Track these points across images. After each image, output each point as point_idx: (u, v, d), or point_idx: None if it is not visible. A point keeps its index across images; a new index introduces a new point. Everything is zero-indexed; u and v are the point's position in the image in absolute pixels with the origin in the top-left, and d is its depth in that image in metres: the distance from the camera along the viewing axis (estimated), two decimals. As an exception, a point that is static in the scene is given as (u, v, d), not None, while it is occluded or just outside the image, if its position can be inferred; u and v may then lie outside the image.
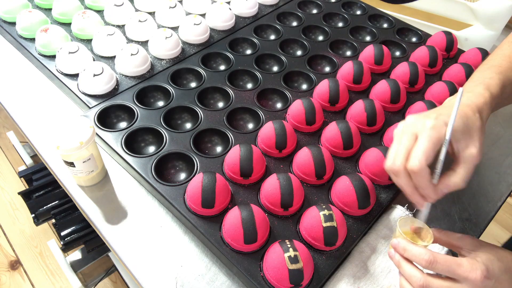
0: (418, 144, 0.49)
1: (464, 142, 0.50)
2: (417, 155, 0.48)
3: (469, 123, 0.50)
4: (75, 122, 0.63)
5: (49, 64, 0.86)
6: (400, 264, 0.51)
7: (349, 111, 0.79)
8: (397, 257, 0.52)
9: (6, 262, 1.49)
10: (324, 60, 0.94)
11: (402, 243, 0.51)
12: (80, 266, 1.26)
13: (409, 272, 0.49)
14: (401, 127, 0.54)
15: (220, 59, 0.93)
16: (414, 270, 0.49)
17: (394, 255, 0.52)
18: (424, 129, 0.50)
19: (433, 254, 0.48)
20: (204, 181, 0.60)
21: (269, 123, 0.71)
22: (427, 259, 0.47)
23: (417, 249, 0.49)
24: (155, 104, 0.81)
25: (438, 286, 0.47)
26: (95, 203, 0.67)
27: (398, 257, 0.51)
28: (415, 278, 0.48)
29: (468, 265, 0.46)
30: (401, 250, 0.51)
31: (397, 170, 0.50)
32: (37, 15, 0.92)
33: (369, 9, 1.12)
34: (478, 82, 0.57)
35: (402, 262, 0.51)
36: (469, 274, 0.46)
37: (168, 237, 0.63)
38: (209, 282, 0.58)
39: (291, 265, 0.52)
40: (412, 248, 0.49)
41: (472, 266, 0.46)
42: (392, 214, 0.66)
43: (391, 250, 0.53)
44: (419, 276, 0.48)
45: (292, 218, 0.63)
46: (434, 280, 0.47)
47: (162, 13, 0.98)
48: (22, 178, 1.39)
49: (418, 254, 0.48)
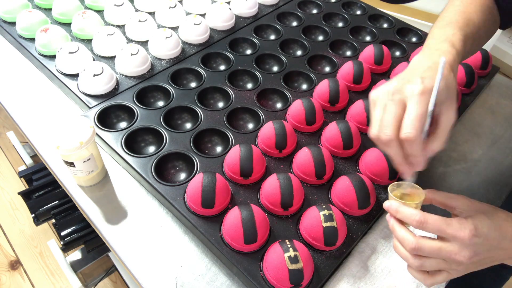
0: (411, 111, 0.47)
1: (444, 104, 0.49)
2: (412, 123, 0.47)
3: (448, 83, 0.49)
4: (75, 122, 0.63)
5: (49, 64, 0.86)
6: (394, 227, 0.52)
7: (349, 111, 0.79)
8: (392, 221, 0.53)
9: (6, 262, 1.49)
10: (324, 60, 0.94)
11: (394, 205, 0.52)
12: (80, 266, 1.26)
13: (402, 235, 0.50)
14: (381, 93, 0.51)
15: (220, 59, 0.93)
16: (407, 234, 0.50)
17: (390, 219, 0.53)
18: (413, 95, 0.48)
19: (423, 214, 0.48)
20: (204, 181, 0.60)
21: (269, 123, 0.71)
22: (417, 219, 0.48)
23: (408, 210, 0.50)
24: (155, 104, 0.81)
25: (429, 247, 0.48)
26: (95, 203, 0.67)
27: (392, 221, 0.53)
28: (407, 241, 0.49)
29: (457, 224, 0.47)
30: (394, 211, 0.52)
31: (388, 139, 0.48)
32: (37, 15, 0.92)
33: (369, 9, 1.12)
34: (442, 39, 0.56)
35: (396, 226, 0.52)
36: (457, 233, 0.47)
37: (168, 237, 0.63)
38: (209, 282, 0.58)
39: (291, 265, 0.52)
40: (404, 209, 0.50)
41: (461, 226, 0.47)
42: (392, 214, 0.66)
43: (388, 215, 0.54)
44: (411, 239, 0.49)
45: (292, 218, 0.63)
46: (425, 242, 0.48)
47: (162, 13, 0.98)
48: (22, 178, 1.39)
49: (410, 215, 0.49)
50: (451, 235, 0.47)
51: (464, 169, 0.69)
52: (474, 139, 0.83)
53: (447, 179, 0.74)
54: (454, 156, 0.79)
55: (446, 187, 0.73)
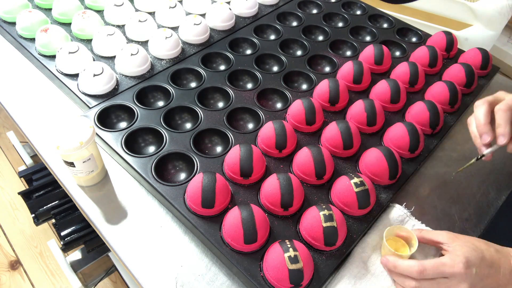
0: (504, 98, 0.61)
1: None
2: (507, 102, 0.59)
3: None
4: (75, 122, 0.63)
5: (49, 64, 0.86)
6: (392, 274, 0.57)
7: (349, 111, 0.79)
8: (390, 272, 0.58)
9: (6, 262, 1.49)
10: (324, 60, 0.94)
11: (391, 261, 0.56)
12: (80, 266, 1.25)
13: (402, 280, 0.55)
14: None
15: (220, 59, 0.93)
16: (407, 280, 0.54)
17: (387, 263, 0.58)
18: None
19: (421, 264, 0.53)
20: (204, 181, 0.60)
21: (269, 123, 0.71)
22: (417, 270, 0.52)
23: (406, 264, 0.54)
24: (155, 104, 0.81)
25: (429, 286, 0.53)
26: (95, 203, 0.67)
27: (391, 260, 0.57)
28: (408, 284, 0.54)
29: (450, 261, 0.52)
30: (392, 267, 0.56)
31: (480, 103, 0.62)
32: (37, 15, 0.92)
33: (369, 9, 1.12)
34: None
35: (395, 275, 0.57)
36: (453, 270, 0.51)
37: (168, 237, 0.63)
38: (209, 282, 0.58)
39: (291, 265, 0.52)
40: (401, 264, 0.55)
41: (454, 261, 0.51)
42: (391, 213, 0.66)
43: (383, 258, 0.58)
44: (411, 282, 0.54)
45: (292, 218, 0.63)
46: (426, 283, 0.53)
47: (162, 13, 0.98)
48: (22, 178, 1.39)
49: (408, 267, 0.54)
50: (449, 273, 0.51)
51: (464, 169, 0.69)
52: (474, 139, 0.83)
53: (447, 179, 0.74)
54: (454, 156, 0.79)
55: (446, 187, 0.73)
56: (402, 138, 0.71)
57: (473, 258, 0.52)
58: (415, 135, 0.71)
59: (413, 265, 0.53)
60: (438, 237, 0.57)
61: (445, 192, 0.72)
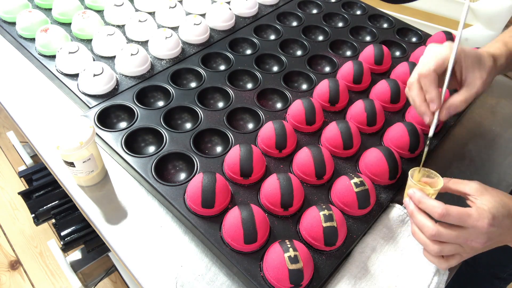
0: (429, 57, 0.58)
1: (472, 72, 0.57)
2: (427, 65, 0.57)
3: (481, 58, 0.58)
4: (75, 122, 0.63)
5: (49, 64, 0.86)
6: (413, 214, 0.55)
7: (349, 111, 0.79)
8: (412, 207, 0.56)
9: (6, 262, 1.49)
10: (324, 60, 0.94)
11: (417, 195, 0.55)
12: (80, 266, 1.26)
13: (422, 222, 0.53)
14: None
15: (220, 59, 0.93)
16: (427, 220, 0.53)
17: (409, 204, 0.56)
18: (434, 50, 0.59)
19: (445, 207, 0.51)
20: (204, 181, 0.60)
21: (269, 123, 0.71)
22: (440, 212, 0.51)
23: (431, 202, 0.53)
24: (155, 104, 0.81)
25: (448, 235, 0.51)
26: (95, 203, 0.67)
27: (412, 206, 0.56)
28: (427, 228, 0.52)
29: (477, 214, 0.51)
30: (416, 201, 0.55)
31: (411, 82, 0.59)
32: (37, 15, 0.92)
33: (369, 9, 1.12)
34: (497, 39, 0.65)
35: (416, 212, 0.55)
36: (477, 223, 0.50)
37: (168, 237, 0.63)
38: (209, 282, 0.58)
39: (291, 265, 0.52)
40: (427, 201, 0.53)
41: (480, 215, 0.50)
42: (391, 213, 0.66)
43: (406, 199, 0.57)
44: (431, 226, 0.52)
45: (292, 218, 0.63)
46: (444, 230, 0.51)
47: (162, 13, 0.98)
48: (22, 178, 1.39)
49: (432, 207, 0.52)
50: (471, 225, 0.50)
51: (464, 169, 0.69)
52: (474, 139, 0.83)
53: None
54: (454, 156, 0.79)
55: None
56: (402, 138, 0.71)
57: (499, 215, 0.51)
58: (415, 135, 0.71)
59: (437, 206, 0.51)
60: (466, 188, 0.55)
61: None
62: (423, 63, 0.58)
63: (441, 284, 0.60)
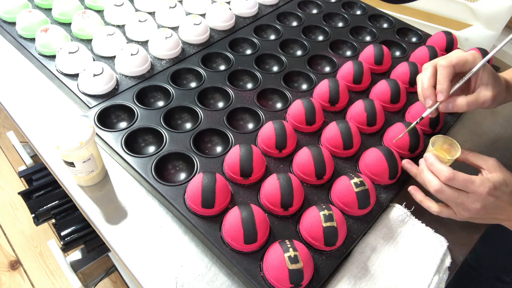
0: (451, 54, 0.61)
1: (485, 83, 0.60)
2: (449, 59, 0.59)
3: (497, 77, 0.61)
4: (75, 122, 0.63)
5: (49, 64, 0.86)
6: (423, 170, 0.61)
7: (349, 111, 0.79)
8: (423, 165, 0.61)
9: (6, 262, 1.49)
10: (324, 60, 0.94)
11: (431, 159, 0.60)
12: (80, 266, 1.25)
13: (429, 177, 0.59)
14: None
15: (220, 59, 0.93)
16: (433, 177, 0.59)
17: (421, 163, 0.62)
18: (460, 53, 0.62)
19: (453, 172, 0.56)
20: (204, 181, 0.60)
21: (269, 123, 0.71)
22: (447, 175, 0.56)
23: (441, 166, 0.58)
24: (155, 104, 0.81)
25: (449, 193, 0.57)
26: (95, 203, 0.67)
27: (423, 165, 0.61)
28: (433, 183, 0.58)
29: (479, 181, 0.56)
30: (429, 164, 0.60)
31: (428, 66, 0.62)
32: (37, 15, 0.92)
33: (369, 9, 1.12)
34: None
35: (425, 170, 0.60)
36: (477, 189, 0.56)
37: (168, 237, 0.63)
38: (209, 282, 0.58)
39: (291, 265, 0.52)
40: (437, 165, 0.58)
41: (482, 183, 0.56)
42: (391, 213, 0.66)
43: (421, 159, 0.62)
44: (436, 182, 0.58)
45: (292, 218, 0.63)
46: (447, 188, 0.57)
47: (162, 13, 0.98)
48: (22, 178, 1.39)
49: (441, 170, 0.57)
50: (472, 190, 0.56)
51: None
52: (474, 139, 0.83)
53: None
54: (454, 156, 0.79)
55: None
56: (402, 138, 0.71)
57: (500, 188, 0.56)
58: (415, 135, 0.71)
59: (446, 170, 0.57)
60: (482, 162, 0.60)
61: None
62: (446, 56, 0.61)
63: (441, 284, 0.60)
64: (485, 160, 0.60)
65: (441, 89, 0.59)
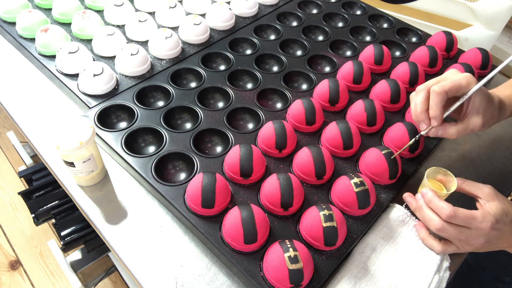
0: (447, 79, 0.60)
1: (476, 109, 0.60)
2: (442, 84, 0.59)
3: (490, 99, 0.60)
4: (75, 122, 0.63)
5: (49, 64, 0.86)
6: (422, 208, 0.60)
7: (349, 111, 0.79)
8: (421, 202, 0.60)
9: (6, 262, 1.49)
10: (324, 60, 0.94)
11: (429, 194, 0.59)
12: (80, 266, 1.26)
13: (429, 215, 0.58)
14: None
15: (220, 59, 0.93)
16: (433, 215, 0.58)
17: (419, 199, 0.61)
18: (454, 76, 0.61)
19: (453, 209, 0.55)
20: (204, 181, 0.60)
21: (269, 123, 0.71)
22: (447, 213, 0.55)
23: (440, 203, 0.57)
24: (155, 104, 0.81)
25: (452, 231, 0.56)
26: (95, 203, 0.67)
27: (422, 202, 0.60)
28: (433, 222, 0.57)
29: (481, 217, 0.55)
30: (427, 200, 0.59)
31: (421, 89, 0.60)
32: (37, 15, 0.92)
33: (369, 9, 1.12)
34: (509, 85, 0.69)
35: (424, 207, 0.60)
36: (480, 225, 0.55)
37: (168, 237, 0.63)
38: (209, 282, 0.58)
39: (291, 265, 0.52)
40: (437, 202, 0.57)
41: (483, 218, 0.55)
42: (391, 214, 0.66)
43: (418, 194, 0.62)
44: (437, 220, 0.57)
45: (292, 218, 0.63)
46: (449, 226, 0.56)
47: (162, 13, 0.98)
48: (22, 178, 1.39)
49: (441, 207, 0.56)
50: (475, 226, 0.55)
51: (465, 170, 0.69)
52: (474, 139, 0.83)
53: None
54: (454, 156, 0.79)
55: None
56: (402, 138, 0.71)
57: (501, 221, 0.56)
58: (415, 135, 0.71)
59: (446, 207, 0.56)
60: (478, 191, 0.60)
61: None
62: (440, 81, 0.60)
63: (442, 283, 0.60)
64: (481, 189, 0.60)
65: (433, 116, 0.59)
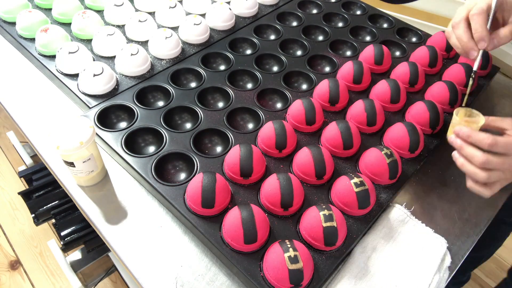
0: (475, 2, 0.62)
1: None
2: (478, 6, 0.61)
3: None
4: (75, 122, 0.63)
5: (49, 64, 0.86)
6: (463, 147, 0.59)
7: (349, 111, 0.79)
8: (460, 141, 0.60)
9: (6, 262, 1.49)
10: (324, 60, 0.94)
11: (465, 130, 0.59)
12: (80, 266, 1.25)
13: (472, 152, 0.58)
14: None
15: (220, 59, 0.93)
16: (476, 151, 0.57)
17: (456, 140, 0.61)
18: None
19: (494, 137, 0.56)
20: (204, 181, 0.60)
21: (269, 123, 0.71)
22: (489, 142, 0.56)
23: (480, 135, 0.57)
24: (155, 104, 0.81)
25: (496, 161, 0.56)
26: (95, 203, 0.67)
27: (460, 141, 0.60)
28: (477, 157, 0.57)
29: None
30: (465, 136, 0.59)
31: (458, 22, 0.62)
32: (37, 15, 0.92)
33: (369, 9, 1.12)
34: None
35: (465, 145, 0.59)
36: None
37: (168, 237, 0.63)
38: (209, 282, 0.58)
39: (291, 265, 0.52)
40: (475, 134, 0.58)
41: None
42: (391, 214, 0.66)
43: (452, 136, 0.62)
44: (480, 155, 0.57)
45: (292, 218, 0.63)
46: (492, 157, 0.56)
47: (162, 13, 0.98)
48: (22, 178, 1.39)
49: (482, 138, 0.57)
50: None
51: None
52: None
53: (447, 179, 0.74)
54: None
55: (446, 187, 0.73)
56: (402, 138, 0.71)
57: None
58: (415, 135, 0.71)
59: (486, 137, 0.56)
60: (503, 123, 0.61)
61: (445, 192, 0.72)
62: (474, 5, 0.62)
63: (442, 283, 0.60)
64: (505, 121, 0.61)
65: (481, 37, 0.61)
